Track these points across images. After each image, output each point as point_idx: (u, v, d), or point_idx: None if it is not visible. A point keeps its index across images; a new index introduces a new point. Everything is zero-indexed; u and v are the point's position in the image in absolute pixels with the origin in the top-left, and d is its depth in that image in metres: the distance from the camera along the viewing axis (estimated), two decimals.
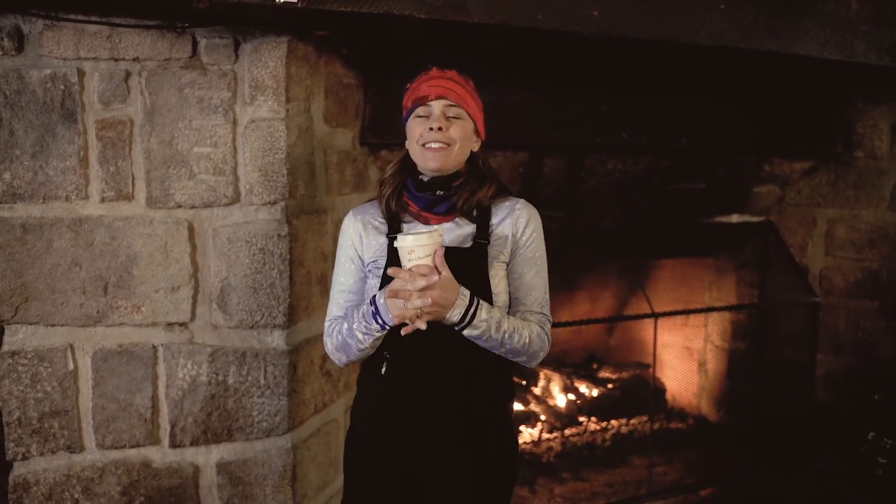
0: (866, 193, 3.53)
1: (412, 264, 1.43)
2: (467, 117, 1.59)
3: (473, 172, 1.61)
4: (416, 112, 1.58)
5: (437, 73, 1.59)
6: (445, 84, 1.56)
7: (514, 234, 1.59)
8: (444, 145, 1.54)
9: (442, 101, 1.55)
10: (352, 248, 1.64)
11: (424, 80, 1.59)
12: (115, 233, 2.06)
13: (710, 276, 4.00)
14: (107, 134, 2.02)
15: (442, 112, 1.56)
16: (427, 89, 1.56)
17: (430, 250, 1.43)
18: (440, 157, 1.54)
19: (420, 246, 1.42)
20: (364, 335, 1.54)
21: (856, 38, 2.69)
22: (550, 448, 3.60)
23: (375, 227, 1.62)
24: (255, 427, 2.21)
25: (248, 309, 2.16)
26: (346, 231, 1.66)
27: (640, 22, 2.30)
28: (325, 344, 1.67)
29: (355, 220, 1.65)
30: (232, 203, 2.12)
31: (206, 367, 2.15)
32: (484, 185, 1.59)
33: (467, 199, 1.57)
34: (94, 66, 1.99)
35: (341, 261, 1.66)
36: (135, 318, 2.10)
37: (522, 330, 1.54)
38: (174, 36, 2.01)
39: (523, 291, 1.61)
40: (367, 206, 1.68)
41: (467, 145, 1.59)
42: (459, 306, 1.46)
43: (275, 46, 2.07)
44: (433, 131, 1.53)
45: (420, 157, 1.57)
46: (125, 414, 2.12)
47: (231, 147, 2.10)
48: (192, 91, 2.05)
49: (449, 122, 1.55)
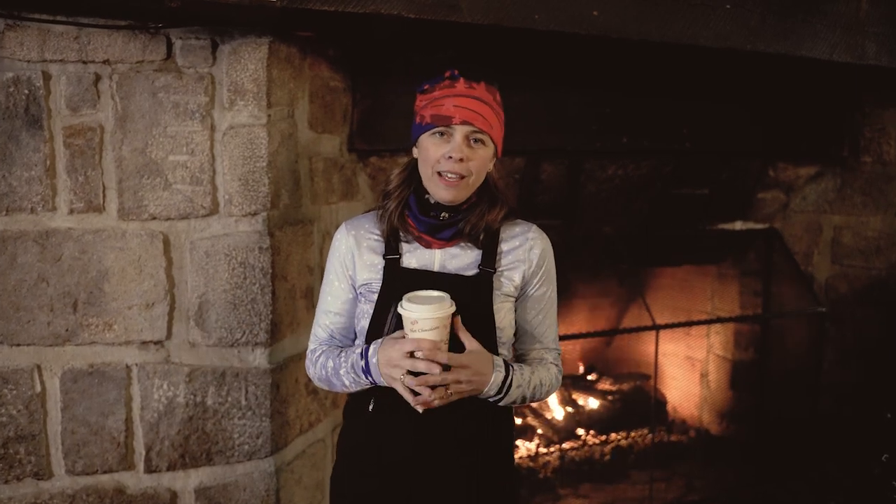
0: (874, 200, 3.42)
1: (416, 336, 1.30)
2: (490, 142, 1.42)
3: (484, 194, 1.47)
4: (434, 129, 1.39)
5: (464, 87, 1.39)
6: (473, 106, 1.37)
7: (527, 269, 1.47)
8: (460, 177, 1.38)
9: (466, 127, 1.37)
10: (342, 267, 1.50)
11: (449, 93, 1.38)
12: (84, 246, 1.94)
13: (713, 284, 3.90)
14: (75, 141, 1.90)
15: (465, 139, 1.38)
16: (452, 110, 1.37)
17: (438, 324, 1.30)
18: (454, 190, 1.39)
19: (427, 319, 1.29)
20: (352, 383, 1.43)
21: (867, 39, 2.61)
22: (548, 463, 3.50)
23: (370, 247, 1.48)
24: (236, 450, 2.11)
25: (228, 326, 2.05)
26: (337, 247, 1.51)
27: (641, 23, 2.21)
28: (307, 368, 1.56)
29: (347, 236, 1.50)
30: (210, 214, 2.01)
31: (184, 388, 2.04)
32: (494, 208, 1.45)
33: (475, 225, 1.43)
34: (61, 68, 1.88)
35: (330, 278, 1.52)
36: (106, 336, 1.99)
37: (546, 379, 1.46)
38: (147, 37, 1.89)
39: (537, 326, 1.51)
40: (363, 219, 1.53)
41: (484, 172, 1.44)
42: (496, 381, 1.36)
43: (255, 48, 1.96)
44: (452, 160, 1.36)
45: (432, 184, 1.41)
46: (97, 438, 2.01)
47: (209, 155, 1.99)
48: (166, 95, 1.93)
49: (470, 151, 1.38)
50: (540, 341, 1.52)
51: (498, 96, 1.45)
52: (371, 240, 1.48)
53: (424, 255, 1.44)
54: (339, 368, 1.44)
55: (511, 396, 1.40)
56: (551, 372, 1.49)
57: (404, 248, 1.45)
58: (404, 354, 1.30)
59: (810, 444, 3.50)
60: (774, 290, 3.66)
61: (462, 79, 1.40)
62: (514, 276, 1.46)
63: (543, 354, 1.51)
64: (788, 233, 3.63)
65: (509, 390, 1.39)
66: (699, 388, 4.01)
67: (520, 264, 1.46)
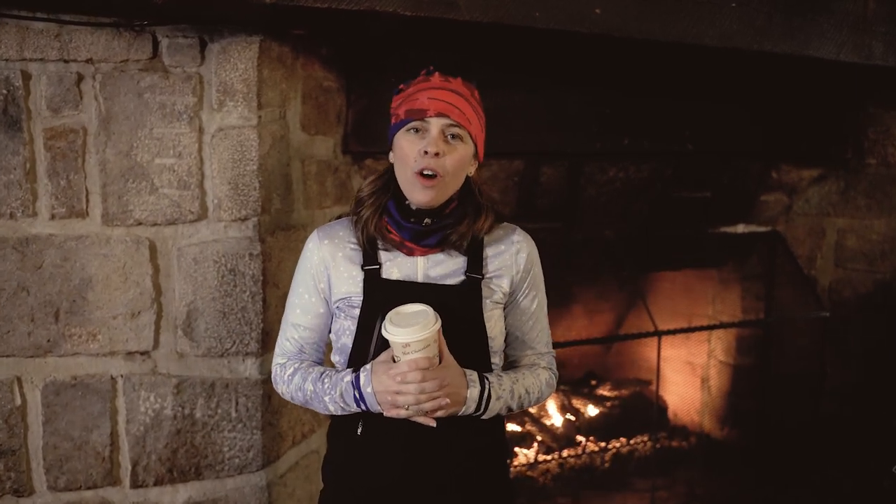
0: (878, 202, 3.36)
1: (410, 357, 1.23)
2: (469, 139, 1.33)
3: (468, 199, 1.39)
4: (408, 125, 1.31)
5: (440, 80, 1.32)
6: (448, 98, 1.30)
7: (514, 274, 1.40)
8: (436, 175, 1.29)
9: (442, 120, 1.30)
10: (313, 280, 1.40)
11: (423, 86, 1.31)
12: (67, 253, 1.87)
13: (714, 288, 3.84)
14: (56, 144, 1.82)
15: (440, 132, 1.30)
16: (427, 102, 1.29)
17: (429, 341, 1.23)
18: (430, 192, 1.30)
19: (417, 340, 1.22)
20: (338, 410, 1.35)
21: (874, 39, 2.56)
22: (547, 471, 3.43)
23: (347, 257, 1.38)
24: (227, 464, 2.04)
25: (218, 335, 1.98)
26: (308, 257, 1.41)
27: (644, 21, 2.15)
28: (275, 384, 1.47)
29: (320, 246, 1.40)
30: (198, 220, 1.93)
31: (171, 400, 1.97)
32: (480, 216, 1.37)
33: (463, 234, 1.35)
34: (42, 67, 1.80)
35: (299, 290, 1.43)
36: (90, 347, 1.91)
37: (533, 386, 1.39)
38: (132, 35, 1.82)
39: (528, 332, 1.44)
40: (336, 226, 1.43)
41: (462, 173, 1.36)
42: (473, 396, 1.29)
43: (245, 47, 1.88)
44: (427, 156, 1.28)
45: (409, 185, 1.32)
46: (80, 452, 1.93)
47: (197, 158, 1.91)
48: (152, 96, 1.86)
49: (447, 146, 1.30)
50: (532, 347, 1.46)
51: (476, 93, 1.36)
52: (347, 249, 1.38)
53: (406, 264, 1.36)
54: (322, 395, 1.35)
55: (492, 410, 1.33)
56: (541, 378, 1.42)
57: (383, 256, 1.36)
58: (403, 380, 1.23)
59: (812, 448, 3.44)
60: (777, 293, 3.60)
61: (437, 73, 1.33)
62: (502, 283, 1.39)
63: (535, 360, 1.45)
64: (791, 236, 3.57)
65: (489, 403, 1.31)
66: (700, 392, 3.95)
67: (507, 270, 1.39)
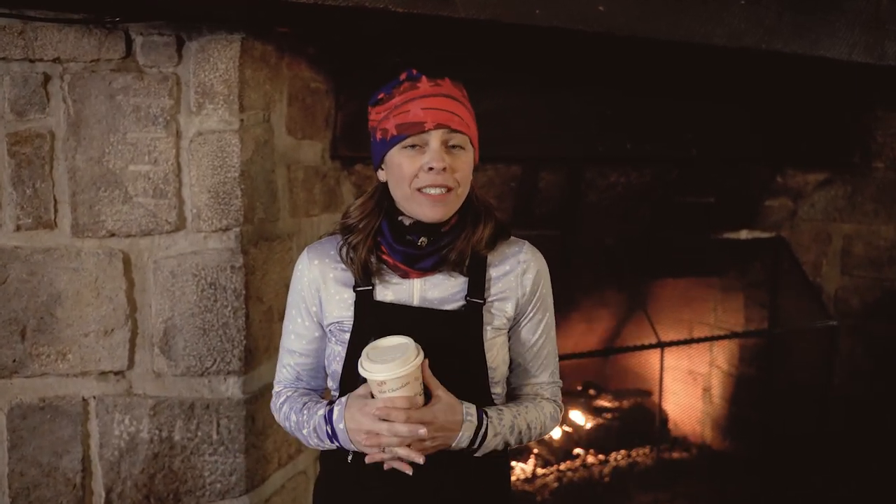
0: (886, 207, 3.28)
1: (386, 397, 1.13)
2: (469, 144, 1.22)
3: (467, 208, 1.26)
4: (404, 142, 1.18)
5: (429, 86, 1.19)
6: (444, 105, 1.18)
7: (520, 298, 1.28)
8: (447, 189, 1.18)
9: (442, 131, 1.18)
10: (304, 303, 1.31)
11: (412, 95, 1.18)
12: (33, 267, 1.75)
13: (717, 295, 3.74)
14: (21, 150, 1.71)
15: (442, 145, 1.18)
16: (421, 113, 1.17)
17: (408, 379, 1.12)
18: (442, 207, 1.19)
19: (394, 378, 1.11)
20: (319, 444, 1.26)
21: (886, 38, 2.45)
22: (545, 485, 3.32)
23: (338, 278, 1.28)
24: (207, 489, 1.92)
25: (197, 353, 1.86)
26: (299, 278, 1.31)
27: (650, 20, 2.04)
28: (273, 412, 1.38)
29: (310, 267, 1.30)
30: (176, 230, 1.82)
31: (148, 422, 1.86)
32: (478, 226, 1.25)
33: (462, 251, 1.23)
34: (5, 67, 1.68)
35: (292, 314, 1.33)
36: (60, 367, 1.80)
37: (536, 420, 1.28)
38: (103, 33, 1.70)
39: (532, 360, 1.32)
40: (327, 244, 1.32)
41: (469, 182, 1.24)
42: (467, 429, 1.18)
43: (226, 45, 1.77)
44: (433, 172, 1.16)
45: (413, 204, 1.20)
46: (50, 480, 1.81)
47: (174, 164, 1.80)
48: (126, 98, 1.74)
49: (452, 158, 1.19)
50: (535, 376, 1.33)
51: (464, 90, 1.24)
52: (338, 270, 1.28)
53: (401, 286, 1.25)
54: (301, 427, 1.26)
55: (488, 446, 1.22)
56: (545, 412, 1.31)
57: (377, 277, 1.25)
58: (375, 419, 1.13)
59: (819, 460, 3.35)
60: (781, 301, 3.51)
61: (424, 77, 1.19)
62: (506, 308, 1.27)
63: (538, 391, 1.33)
64: (796, 242, 3.48)
65: (484, 440, 1.20)
66: (701, 403, 3.86)
67: (512, 293, 1.27)
